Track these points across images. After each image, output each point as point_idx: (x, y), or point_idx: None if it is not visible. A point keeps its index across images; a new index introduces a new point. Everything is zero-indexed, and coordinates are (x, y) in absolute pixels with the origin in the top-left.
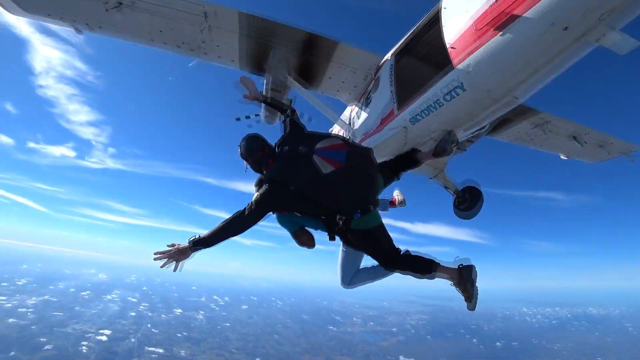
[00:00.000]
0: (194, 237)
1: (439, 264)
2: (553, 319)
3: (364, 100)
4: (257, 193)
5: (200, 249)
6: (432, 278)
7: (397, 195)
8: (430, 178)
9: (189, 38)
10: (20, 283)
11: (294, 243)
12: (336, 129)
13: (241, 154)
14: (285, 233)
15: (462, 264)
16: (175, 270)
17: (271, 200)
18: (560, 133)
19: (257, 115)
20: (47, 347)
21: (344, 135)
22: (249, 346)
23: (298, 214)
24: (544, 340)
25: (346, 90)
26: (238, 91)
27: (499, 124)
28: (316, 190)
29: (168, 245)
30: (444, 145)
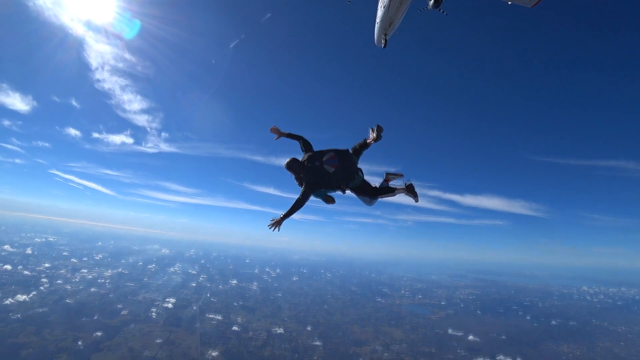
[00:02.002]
0: (281, 214)
1: (395, 187)
2: (618, 299)
3: None
4: (303, 187)
5: (284, 220)
6: (394, 194)
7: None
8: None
9: None
10: (97, 258)
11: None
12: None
13: (287, 168)
14: (325, 206)
15: (407, 182)
16: (277, 231)
17: (310, 190)
18: None
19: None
20: (123, 312)
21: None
22: (300, 315)
23: (323, 189)
24: (606, 322)
25: None
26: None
27: None
28: (330, 181)
29: (271, 220)
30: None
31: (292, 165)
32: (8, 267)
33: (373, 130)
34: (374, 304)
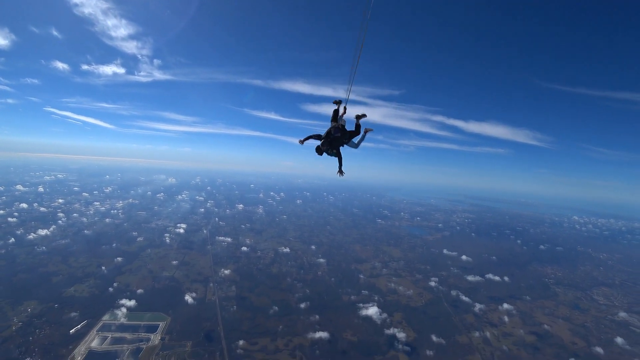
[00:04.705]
0: (306, 136)
1: (366, 129)
2: (605, 229)
3: None
4: (324, 133)
5: (308, 139)
6: (363, 133)
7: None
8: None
9: None
10: (107, 190)
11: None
12: None
13: (317, 152)
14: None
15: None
16: (302, 144)
17: (328, 138)
18: None
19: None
20: (139, 239)
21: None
22: (305, 235)
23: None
24: (590, 249)
25: None
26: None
27: None
28: (338, 140)
29: (299, 140)
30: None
31: (318, 148)
32: (24, 205)
33: (339, 104)
34: (375, 225)
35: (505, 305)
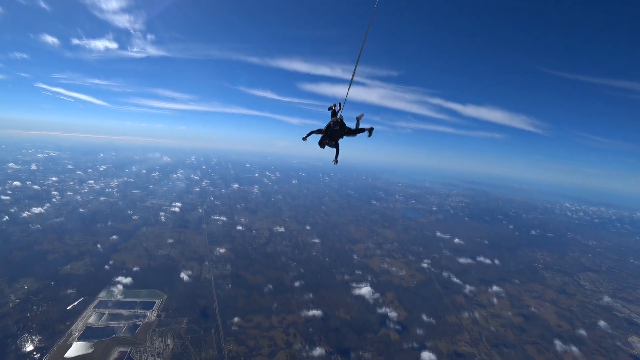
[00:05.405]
0: (308, 132)
1: (365, 128)
2: (596, 217)
3: None
4: (325, 127)
5: (311, 134)
6: (360, 132)
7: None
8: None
9: None
10: (101, 169)
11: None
12: None
13: (320, 145)
14: (326, 112)
15: (371, 126)
16: (305, 140)
17: (327, 132)
18: None
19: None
20: (134, 217)
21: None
22: (300, 216)
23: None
24: (579, 235)
25: None
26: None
27: None
28: (338, 133)
29: (302, 137)
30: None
31: (320, 142)
32: (17, 183)
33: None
34: (369, 207)
35: (495, 288)
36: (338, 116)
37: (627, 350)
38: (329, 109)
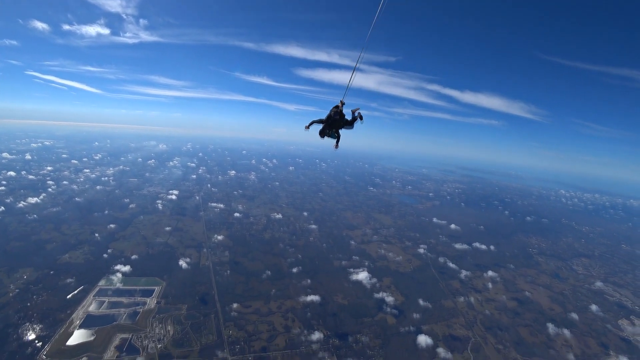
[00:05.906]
0: (310, 121)
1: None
2: (590, 204)
3: None
4: (326, 117)
5: (313, 124)
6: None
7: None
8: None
9: None
10: (97, 157)
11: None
12: None
13: (320, 134)
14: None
15: (358, 109)
16: (307, 129)
17: (329, 121)
18: None
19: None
20: (131, 205)
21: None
22: (297, 202)
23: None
24: (573, 222)
25: None
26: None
27: None
28: (337, 122)
29: (305, 126)
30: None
31: (321, 132)
32: (12, 173)
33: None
34: (366, 193)
35: (490, 273)
36: (339, 103)
37: (617, 332)
38: (334, 108)
